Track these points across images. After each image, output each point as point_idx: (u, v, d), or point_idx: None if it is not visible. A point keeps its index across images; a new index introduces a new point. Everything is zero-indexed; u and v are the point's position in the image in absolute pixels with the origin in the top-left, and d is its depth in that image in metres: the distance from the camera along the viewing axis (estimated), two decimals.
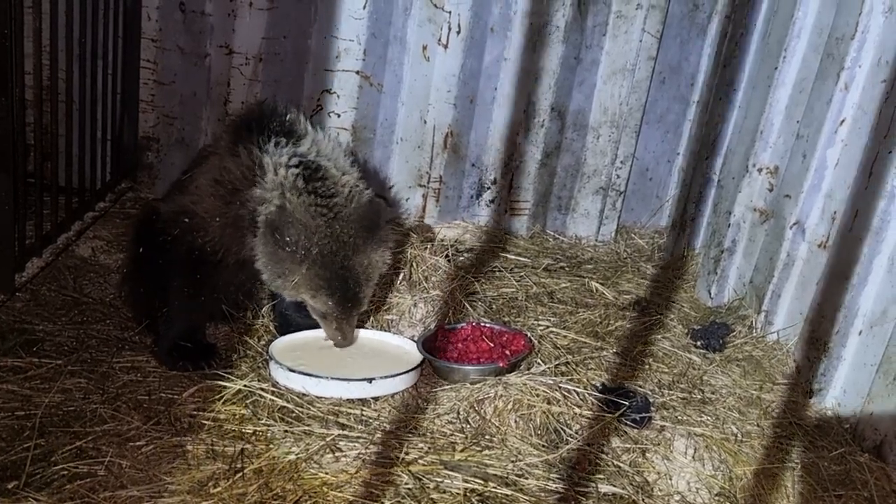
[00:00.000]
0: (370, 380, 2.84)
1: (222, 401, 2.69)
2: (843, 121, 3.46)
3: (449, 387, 2.98)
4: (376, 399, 2.85)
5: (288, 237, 2.70)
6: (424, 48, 4.40)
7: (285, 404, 2.72)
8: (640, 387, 3.15)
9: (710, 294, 4.15)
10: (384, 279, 3.59)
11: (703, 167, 4.47)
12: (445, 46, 4.41)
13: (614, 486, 2.53)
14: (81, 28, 3.69)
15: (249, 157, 2.81)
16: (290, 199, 2.73)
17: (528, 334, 3.35)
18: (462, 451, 2.58)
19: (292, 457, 2.43)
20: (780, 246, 3.72)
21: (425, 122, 4.53)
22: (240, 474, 2.33)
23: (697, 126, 4.71)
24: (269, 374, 2.91)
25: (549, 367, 3.10)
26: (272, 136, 2.82)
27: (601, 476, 2.57)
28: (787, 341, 3.57)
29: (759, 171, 3.95)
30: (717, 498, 2.57)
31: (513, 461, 2.57)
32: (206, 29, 4.29)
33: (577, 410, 2.86)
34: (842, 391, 3.18)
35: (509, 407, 2.81)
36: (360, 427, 2.67)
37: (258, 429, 2.57)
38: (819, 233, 3.52)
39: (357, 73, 4.41)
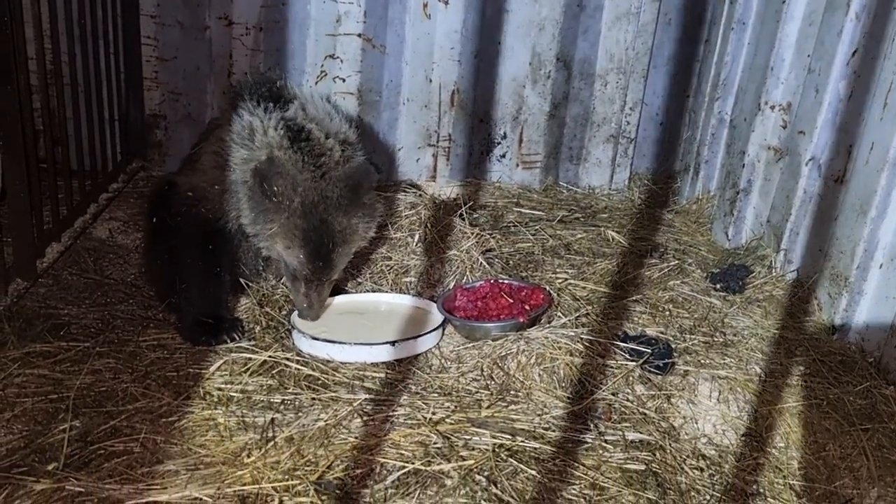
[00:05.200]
0: (393, 343, 2.87)
1: (249, 372, 2.72)
2: (854, 52, 3.39)
3: (471, 345, 3.00)
4: (400, 361, 2.88)
5: (276, 186, 2.73)
6: (425, 6, 4.35)
7: (311, 372, 2.76)
8: (662, 333, 3.16)
9: (727, 236, 4.13)
10: (398, 242, 3.61)
11: (715, 108, 4.41)
12: (446, 3, 4.35)
13: (641, 433, 2.55)
14: (80, 9, 3.67)
15: (241, 123, 2.86)
16: (278, 155, 2.77)
17: (547, 288, 3.36)
18: (488, 407, 2.61)
19: (321, 423, 2.47)
20: (797, 183, 3.69)
21: (430, 80, 4.49)
22: (272, 443, 2.37)
23: (706, 66, 4.65)
24: (293, 344, 2.94)
25: (569, 320, 3.11)
26: (261, 102, 2.88)
27: (627, 424, 2.59)
28: (808, 279, 3.56)
29: (772, 108, 3.90)
30: (743, 438, 2.59)
31: (539, 415, 2.59)
32: (204, 1, 4.26)
33: (600, 361, 2.87)
34: (864, 325, 3.17)
35: (532, 361, 2.83)
36: (385, 390, 2.70)
37: (286, 398, 2.61)
38: (835, 168, 3.48)
39: (359, 35, 4.36)
